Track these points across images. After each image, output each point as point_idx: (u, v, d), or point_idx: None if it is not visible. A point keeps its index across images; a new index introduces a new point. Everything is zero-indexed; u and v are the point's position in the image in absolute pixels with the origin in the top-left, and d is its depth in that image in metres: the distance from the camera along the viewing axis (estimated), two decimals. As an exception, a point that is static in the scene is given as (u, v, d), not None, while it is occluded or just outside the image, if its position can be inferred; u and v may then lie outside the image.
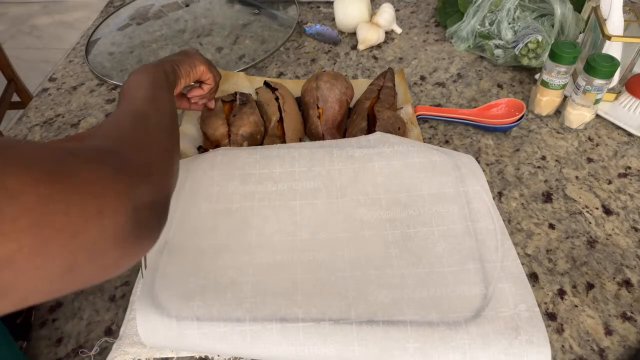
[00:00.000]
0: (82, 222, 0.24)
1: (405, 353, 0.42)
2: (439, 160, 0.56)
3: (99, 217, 0.25)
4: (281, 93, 0.67)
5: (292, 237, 0.51)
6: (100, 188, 0.26)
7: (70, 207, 0.24)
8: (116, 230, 0.26)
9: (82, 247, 0.24)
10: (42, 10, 2.66)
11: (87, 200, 0.25)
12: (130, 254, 0.29)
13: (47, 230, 0.22)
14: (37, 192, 0.22)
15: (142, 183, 0.29)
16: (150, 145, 0.36)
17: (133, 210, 0.27)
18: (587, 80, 0.63)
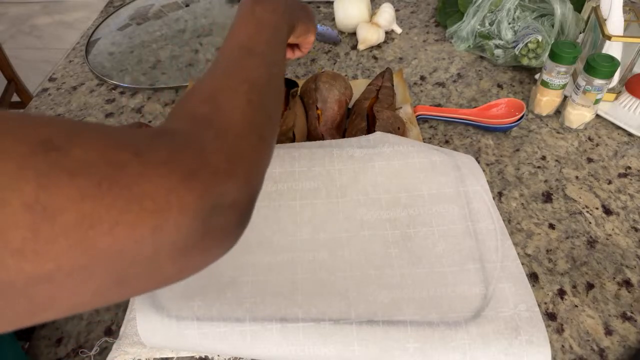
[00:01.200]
0: (132, 242, 0.21)
1: (405, 353, 0.42)
2: (439, 160, 0.56)
3: (154, 235, 0.21)
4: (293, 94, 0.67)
5: (292, 237, 0.51)
6: (161, 202, 0.21)
7: (118, 226, 0.20)
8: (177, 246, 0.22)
9: (132, 263, 0.21)
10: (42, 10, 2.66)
11: (141, 217, 0.21)
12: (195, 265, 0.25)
13: (88, 251, 0.20)
14: (81, 210, 0.19)
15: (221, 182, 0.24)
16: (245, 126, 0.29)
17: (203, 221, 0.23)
18: (587, 80, 0.63)
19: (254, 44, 0.35)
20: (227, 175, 0.25)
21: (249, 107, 0.30)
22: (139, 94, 0.80)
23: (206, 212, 0.23)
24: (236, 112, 0.29)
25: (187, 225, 0.22)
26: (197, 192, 0.23)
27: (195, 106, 0.29)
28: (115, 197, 0.20)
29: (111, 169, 0.20)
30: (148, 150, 0.22)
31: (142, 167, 0.21)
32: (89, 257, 0.20)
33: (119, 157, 0.21)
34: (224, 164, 0.25)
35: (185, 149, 0.24)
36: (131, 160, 0.21)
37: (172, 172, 0.22)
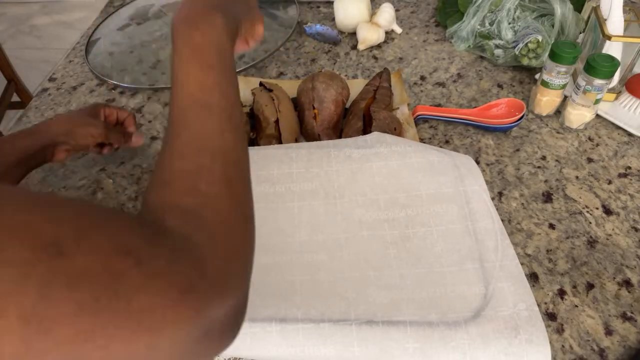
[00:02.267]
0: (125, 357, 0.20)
1: (405, 353, 0.42)
2: (437, 160, 0.56)
3: (149, 351, 0.21)
4: (276, 94, 0.67)
5: (290, 239, 0.51)
6: (157, 318, 0.21)
7: (113, 342, 0.20)
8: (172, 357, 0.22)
9: None
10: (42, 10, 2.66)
11: (137, 334, 0.20)
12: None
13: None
14: (76, 326, 0.19)
15: (219, 298, 0.24)
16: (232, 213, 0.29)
17: (199, 334, 0.22)
18: (587, 80, 0.63)
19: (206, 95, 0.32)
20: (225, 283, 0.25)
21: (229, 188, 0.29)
22: (139, 94, 0.80)
23: (203, 323, 0.23)
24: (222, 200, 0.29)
25: (182, 338, 0.22)
26: (195, 307, 0.22)
27: (178, 197, 0.28)
28: (112, 313, 0.20)
29: (111, 280, 0.20)
30: (149, 258, 0.22)
31: (142, 279, 0.21)
32: None
33: (120, 265, 0.21)
34: (221, 270, 0.25)
35: (184, 257, 0.24)
36: (131, 270, 0.21)
37: (171, 286, 0.22)
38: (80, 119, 0.58)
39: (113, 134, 0.61)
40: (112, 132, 0.60)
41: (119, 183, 0.65)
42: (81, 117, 0.59)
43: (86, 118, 0.59)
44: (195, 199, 0.28)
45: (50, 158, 0.57)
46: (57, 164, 0.68)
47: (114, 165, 0.67)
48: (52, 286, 0.18)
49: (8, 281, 0.18)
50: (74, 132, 0.57)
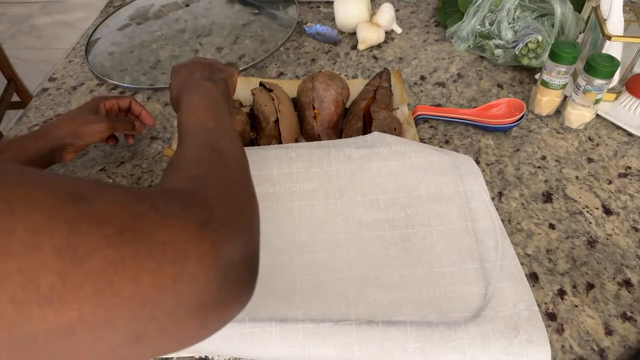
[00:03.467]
0: (154, 291, 0.21)
1: (405, 353, 0.42)
2: (436, 160, 0.56)
3: (175, 284, 0.22)
4: (276, 94, 0.67)
5: (290, 239, 0.51)
6: (180, 250, 0.22)
7: (141, 273, 0.21)
8: (196, 298, 0.23)
9: (153, 317, 0.21)
10: (42, 10, 2.66)
11: (162, 265, 0.21)
12: (213, 322, 0.25)
13: (112, 299, 0.20)
14: (106, 256, 0.20)
15: (231, 236, 0.25)
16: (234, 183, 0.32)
17: (219, 272, 0.24)
18: (587, 80, 0.63)
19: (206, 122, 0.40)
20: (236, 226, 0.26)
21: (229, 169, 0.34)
22: (139, 94, 0.80)
23: (221, 261, 0.24)
24: (222, 172, 0.33)
25: (204, 274, 0.23)
26: (211, 241, 0.24)
27: (185, 172, 0.32)
28: (138, 245, 0.21)
29: (133, 219, 0.22)
30: (163, 204, 0.24)
31: (160, 218, 0.23)
32: (112, 306, 0.20)
33: (138, 208, 0.23)
34: (230, 216, 0.27)
35: (193, 203, 0.26)
36: (149, 211, 0.23)
37: (187, 223, 0.24)
38: (83, 118, 0.58)
39: (119, 124, 0.61)
40: (117, 122, 0.61)
41: (119, 183, 0.65)
42: (83, 115, 0.59)
43: (88, 116, 0.59)
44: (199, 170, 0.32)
45: (59, 159, 0.58)
46: (57, 164, 0.68)
47: (114, 165, 0.67)
48: (81, 222, 0.20)
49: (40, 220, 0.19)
50: (79, 132, 0.57)
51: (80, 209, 0.20)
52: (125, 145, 0.70)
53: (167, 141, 0.71)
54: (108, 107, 0.62)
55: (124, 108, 0.65)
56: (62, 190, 0.21)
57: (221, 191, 0.30)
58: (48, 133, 0.56)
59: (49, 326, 0.19)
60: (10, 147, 0.53)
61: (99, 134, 0.58)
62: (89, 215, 0.20)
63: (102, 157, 0.69)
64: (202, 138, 0.38)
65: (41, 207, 0.19)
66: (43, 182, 0.21)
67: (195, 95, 0.44)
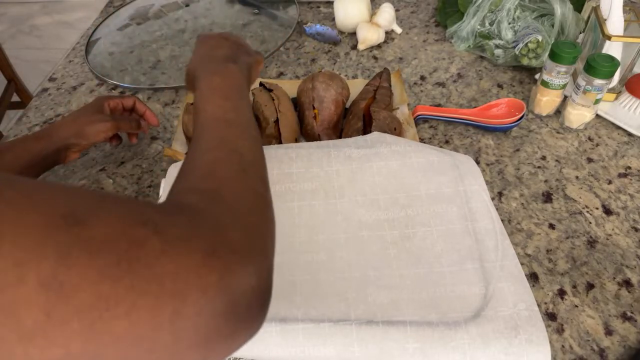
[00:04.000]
0: (151, 327, 0.19)
1: (405, 353, 0.42)
2: (436, 160, 0.56)
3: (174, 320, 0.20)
4: (276, 94, 0.67)
5: (290, 239, 0.51)
6: (181, 282, 0.20)
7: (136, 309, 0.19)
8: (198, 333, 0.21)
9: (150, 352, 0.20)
10: (42, 10, 2.66)
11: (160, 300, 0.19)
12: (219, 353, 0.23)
13: (103, 336, 0.18)
14: (97, 291, 0.18)
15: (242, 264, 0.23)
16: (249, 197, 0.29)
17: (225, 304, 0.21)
18: (587, 80, 0.63)
19: (225, 114, 0.37)
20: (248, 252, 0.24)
21: (245, 176, 0.31)
22: (139, 94, 0.80)
23: (228, 293, 0.22)
24: (237, 183, 0.29)
25: (208, 308, 0.21)
26: (218, 271, 0.21)
27: (196, 182, 0.29)
28: (134, 278, 0.19)
29: (131, 247, 0.20)
30: (167, 226, 0.22)
31: (162, 245, 0.21)
32: (102, 343, 0.19)
33: (138, 233, 0.20)
34: (242, 240, 0.24)
35: (202, 225, 0.23)
36: (151, 237, 0.21)
37: (192, 251, 0.21)
38: (87, 118, 0.58)
39: (124, 123, 0.60)
40: (122, 122, 0.60)
41: (119, 183, 0.65)
42: (87, 115, 0.59)
43: (92, 115, 0.58)
44: (213, 183, 0.29)
45: (63, 160, 0.57)
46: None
47: (114, 165, 0.67)
48: (71, 252, 0.18)
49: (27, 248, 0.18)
50: (83, 132, 0.57)
51: (73, 235, 0.19)
52: (125, 145, 0.70)
53: (167, 141, 0.71)
54: (112, 107, 0.62)
55: (128, 107, 0.64)
56: (55, 212, 0.19)
57: (235, 209, 0.27)
58: (51, 134, 0.56)
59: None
60: (12, 148, 0.53)
61: (103, 133, 0.58)
62: (82, 242, 0.19)
63: (102, 157, 0.69)
64: (221, 135, 0.34)
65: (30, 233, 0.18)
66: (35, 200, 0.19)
67: (217, 77, 0.40)
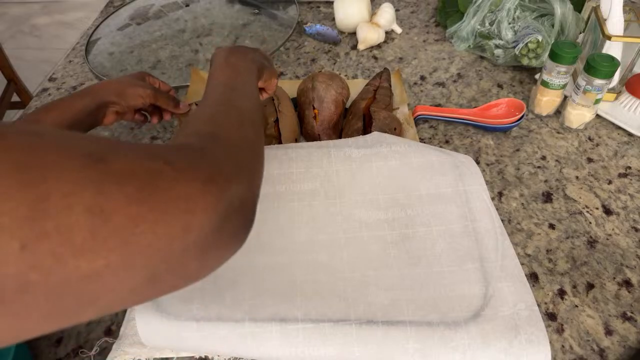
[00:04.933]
0: (167, 239, 0.24)
1: (405, 353, 0.42)
2: (436, 160, 0.56)
3: (184, 232, 0.25)
4: (276, 94, 0.67)
5: (290, 239, 0.51)
6: (190, 203, 0.25)
7: (158, 225, 0.24)
8: (200, 243, 0.26)
9: (164, 260, 0.25)
10: (42, 10, 2.66)
11: (174, 217, 0.24)
12: (212, 262, 0.29)
13: (133, 247, 0.23)
14: (128, 212, 0.23)
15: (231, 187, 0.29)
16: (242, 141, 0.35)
17: (220, 221, 0.27)
18: (587, 80, 0.63)
19: (233, 82, 0.45)
20: (236, 181, 0.29)
21: (241, 127, 0.37)
22: (139, 94, 0.80)
23: (222, 212, 0.27)
24: (233, 130, 0.36)
25: (208, 224, 0.26)
26: (215, 194, 0.27)
27: (198, 126, 0.35)
28: (155, 201, 0.24)
29: (149, 177, 0.24)
30: (175, 159, 0.26)
31: (175, 173, 0.25)
32: (133, 254, 0.23)
33: (154, 166, 0.25)
34: (233, 171, 0.30)
35: (203, 158, 0.29)
36: (164, 168, 0.25)
37: (196, 178, 0.26)
38: (129, 81, 0.61)
39: (161, 96, 0.63)
40: (160, 94, 0.62)
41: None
42: (130, 79, 0.62)
43: (135, 81, 0.62)
44: (211, 127, 0.35)
45: (102, 120, 0.60)
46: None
47: (114, 165, 0.67)
48: (104, 183, 0.22)
49: (69, 181, 0.21)
50: (124, 92, 0.60)
51: (100, 170, 0.23)
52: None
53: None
54: (152, 81, 0.65)
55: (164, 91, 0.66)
56: (81, 152, 0.23)
57: (229, 147, 0.32)
58: (95, 91, 0.58)
59: (81, 273, 0.21)
60: (59, 105, 0.56)
61: (142, 98, 0.60)
62: (110, 175, 0.23)
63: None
64: (225, 96, 0.41)
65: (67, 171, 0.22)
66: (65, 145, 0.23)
67: (233, 57, 0.49)
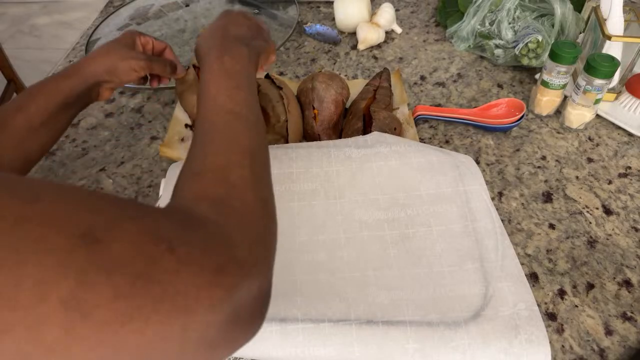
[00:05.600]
0: (161, 339, 0.21)
1: (405, 353, 0.42)
2: (436, 160, 0.56)
3: (183, 333, 0.21)
4: (286, 93, 0.66)
5: (290, 239, 0.51)
6: (192, 299, 0.21)
7: (149, 325, 0.20)
8: (205, 342, 0.22)
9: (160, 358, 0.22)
10: (42, 10, 2.66)
11: (172, 315, 0.21)
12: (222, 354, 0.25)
13: (118, 349, 0.20)
14: (114, 309, 0.19)
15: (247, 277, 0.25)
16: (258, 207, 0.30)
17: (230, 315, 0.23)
18: (588, 80, 0.63)
19: (236, 107, 0.37)
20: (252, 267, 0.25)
21: (256, 183, 0.32)
22: (139, 94, 0.80)
23: (233, 305, 0.23)
24: (249, 192, 0.31)
25: (215, 320, 0.22)
26: (226, 286, 0.23)
27: (208, 188, 0.30)
28: (148, 296, 0.20)
29: (146, 265, 0.21)
30: (181, 244, 0.23)
31: (175, 264, 0.22)
32: (118, 355, 0.20)
33: (154, 251, 0.21)
34: (248, 255, 0.26)
35: (214, 242, 0.25)
36: (165, 254, 0.22)
37: (203, 269, 0.23)
38: (119, 53, 0.54)
39: (156, 64, 0.57)
40: (154, 62, 0.56)
41: (119, 183, 0.65)
42: (119, 50, 0.55)
43: (125, 51, 0.55)
44: (224, 190, 0.30)
45: (97, 97, 0.55)
46: (57, 164, 0.68)
47: (114, 165, 0.67)
48: (89, 272, 0.19)
49: (49, 268, 0.18)
50: (116, 68, 0.54)
51: (91, 253, 0.20)
52: (125, 145, 0.70)
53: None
54: (143, 43, 0.58)
55: (158, 51, 0.60)
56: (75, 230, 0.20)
57: (244, 221, 0.28)
58: (82, 69, 0.52)
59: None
60: (43, 89, 0.50)
61: (136, 72, 0.55)
62: (100, 262, 0.20)
63: (102, 157, 0.69)
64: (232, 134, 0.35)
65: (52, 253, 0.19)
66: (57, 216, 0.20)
67: (228, 58, 0.41)
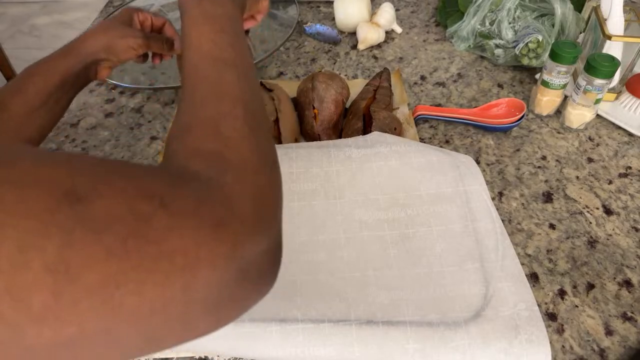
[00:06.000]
0: (162, 302, 0.19)
1: (405, 354, 0.42)
2: (436, 159, 0.56)
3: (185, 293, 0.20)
4: (276, 94, 0.67)
5: (290, 239, 0.51)
6: (191, 257, 0.20)
7: (146, 286, 0.19)
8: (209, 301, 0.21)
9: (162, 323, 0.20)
10: (42, 10, 2.66)
11: (170, 275, 0.19)
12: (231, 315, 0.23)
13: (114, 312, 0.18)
14: (105, 270, 0.18)
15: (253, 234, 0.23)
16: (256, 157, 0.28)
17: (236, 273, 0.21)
18: (588, 80, 0.63)
19: (222, 52, 0.33)
20: (256, 221, 0.24)
21: (251, 133, 0.29)
22: (139, 94, 0.80)
23: (239, 262, 0.21)
24: (244, 143, 0.28)
25: (219, 278, 0.21)
26: (228, 242, 0.21)
27: (201, 142, 0.28)
28: (143, 255, 0.19)
29: (137, 223, 0.19)
30: (174, 199, 0.21)
31: (169, 220, 0.20)
32: (115, 319, 0.18)
33: (145, 208, 0.20)
34: (251, 208, 0.24)
35: (211, 196, 0.23)
36: (157, 212, 0.20)
37: (201, 224, 0.21)
38: (117, 31, 0.53)
39: (154, 42, 0.56)
40: (152, 40, 0.55)
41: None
42: (117, 27, 0.54)
43: (123, 29, 0.54)
44: (218, 143, 0.27)
45: (95, 76, 0.54)
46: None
47: (114, 165, 0.67)
48: (75, 232, 0.18)
49: (29, 233, 0.17)
50: (113, 46, 0.53)
51: (76, 212, 0.18)
52: (125, 145, 0.70)
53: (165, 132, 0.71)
54: (141, 20, 0.57)
55: (157, 27, 0.59)
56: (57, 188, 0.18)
57: (242, 174, 0.26)
58: (78, 47, 0.51)
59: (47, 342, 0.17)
60: (39, 70, 0.49)
61: (134, 50, 0.54)
62: (86, 221, 0.18)
63: (102, 157, 0.68)
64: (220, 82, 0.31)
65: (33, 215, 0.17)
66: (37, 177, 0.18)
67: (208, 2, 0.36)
